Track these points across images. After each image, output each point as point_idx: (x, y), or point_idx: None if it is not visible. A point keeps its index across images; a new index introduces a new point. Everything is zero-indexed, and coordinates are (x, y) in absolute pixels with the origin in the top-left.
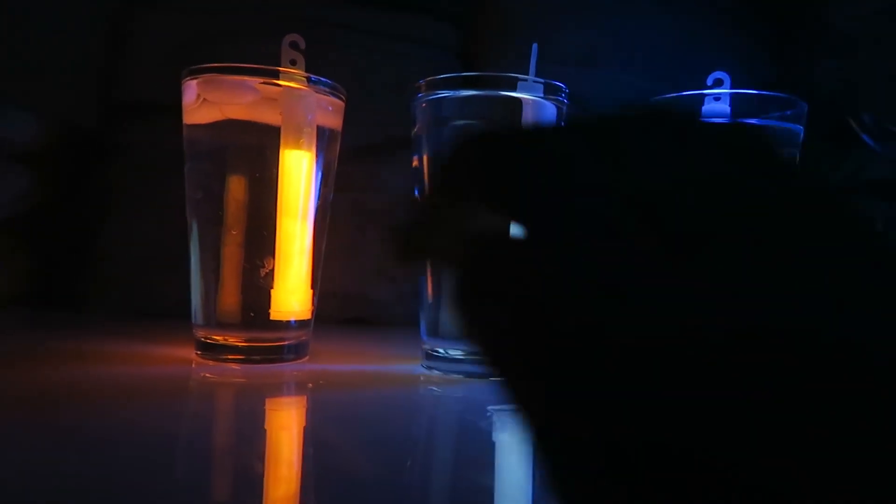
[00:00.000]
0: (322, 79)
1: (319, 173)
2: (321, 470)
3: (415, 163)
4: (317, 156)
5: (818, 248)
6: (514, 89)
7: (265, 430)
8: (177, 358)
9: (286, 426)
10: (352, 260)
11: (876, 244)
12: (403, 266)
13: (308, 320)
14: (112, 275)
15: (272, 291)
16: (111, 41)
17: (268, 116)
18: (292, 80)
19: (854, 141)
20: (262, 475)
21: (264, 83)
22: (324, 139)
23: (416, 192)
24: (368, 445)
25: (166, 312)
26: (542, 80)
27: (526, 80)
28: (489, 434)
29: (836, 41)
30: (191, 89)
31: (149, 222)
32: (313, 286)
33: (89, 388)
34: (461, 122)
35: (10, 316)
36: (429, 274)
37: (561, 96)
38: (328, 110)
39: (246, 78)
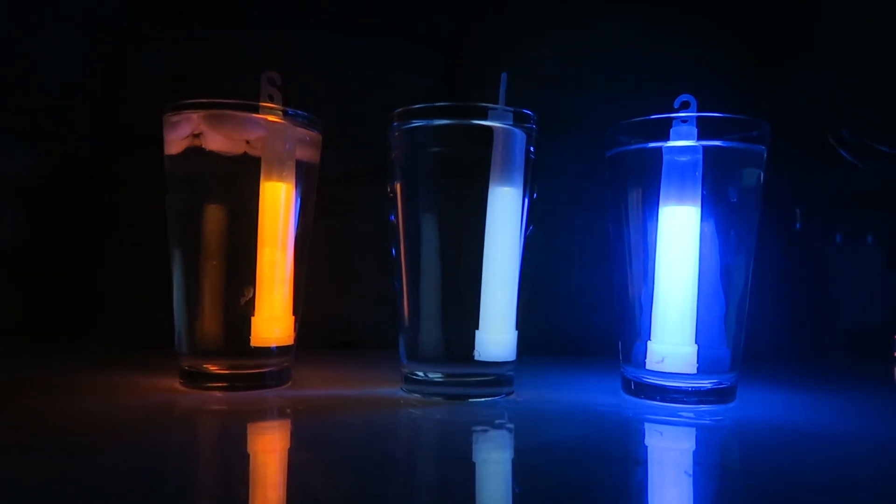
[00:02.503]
0: (299, 112)
1: (298, 203)
2: (302, 494)
3: (391, 189)
4: (296, 186)
5: None
6: (485, 118)
7: (248, 455)
8: (161, 387)
9: (268, 451)
10: (336, 285)
11: None
12: None
13: (290, 346)
14: (107, 305)
15: (252, 319)
16: (105, 75)
17: (247, 148)
18: (271, 115)
19: (837, 155)
20: (246, 501)
21: (270, 119)
22: (302, 170)
23: (392, 218)
24: (349, 469)
25: (160, 342)
26: (511, 109)
27: (496, 108)
28: (469, 455)
29: (815, 58)
30: (189, 122)
31: (143, 252)
32: (295, 313)
33: (71, 419)
34: (435, 149)
35: (3, 345)
36: (406, 297)
37: (530, 123)
38: (306, 142)
39: (249, 114)
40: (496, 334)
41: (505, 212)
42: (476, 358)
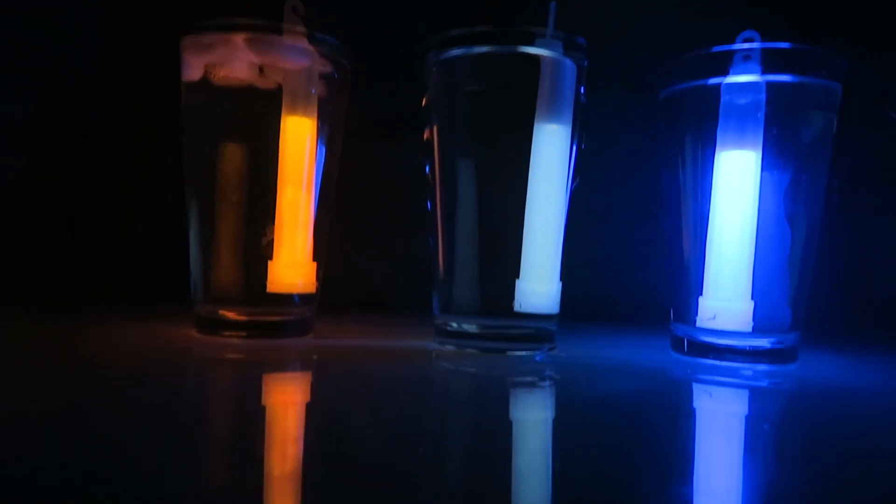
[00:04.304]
0: (328, 38)
1: (323, 141)
2: (325, 445)
3: (426, 135)
4: (320, 122)
5: None
6: (531, 44)
7: (264, 407)
8: (175, 336)
9: (287, 402)
10: (362, 242)
11: None
12: None
13: (312, 295)
14: (113, 258)
15: (269, 263)
16: (112, 19)
17: (266, 81)
18: (292, 40)
19: (887, 123)
20: (262, 454)
21: (314, 49)
22: (329, 105)
23: (427, 170)
24: (376, 419)
25: (168, 295)
26: (562, 35)
27: (545, 33)
28: (504, 407)
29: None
30: (230, 47)
31: (152, 203)
32: (317, 259)
33: (82, 369)
34: (475, 84)
35: (8, 297)
36: (441, 248)
37: (581, 54)
38: (332, 76)
39: (297, 42)
40: (538, 284)
41: (550, 151)
42: (516, 309)
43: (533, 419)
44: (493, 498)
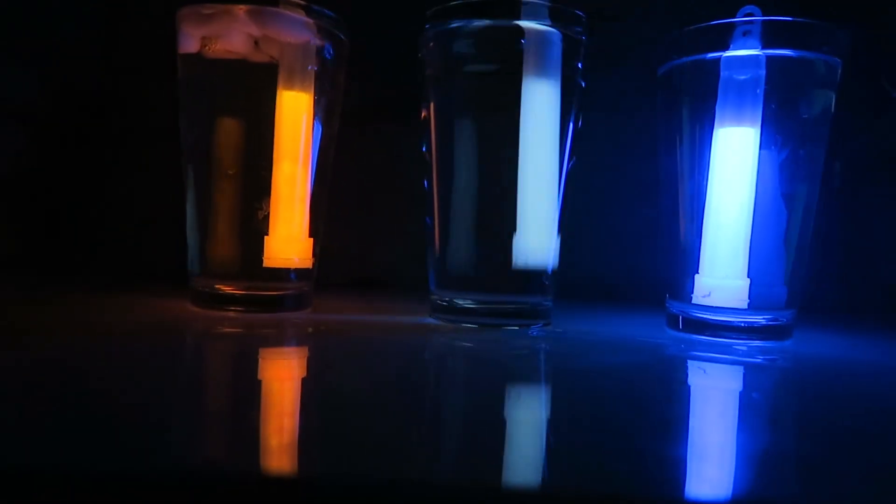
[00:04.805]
0: (325, 11)
1: (320, 116)
2: (320, 419)
3: (423, 113)
4: (317, 97)
5: None
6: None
7: (260, 381)
8: (172, 309)
9: (283, 376)
10: (359, 221)
11: None
12: None
13: (309, 270)
14: (110, 236)
15: (266, 238)
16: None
17: (260, 55)
18: (291, 12)
19: (887, 102)
20: (257, 427)
21: (314, 22)
22: (324, 80)
23: (424, 149)
24: (371, 391)
25: (165, 274)
26: (559, 7)
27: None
28: (497, 375)
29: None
30: (230, 18)
31: (151, 182)
32: (314, 235)
33: (77, 342)
34: (474, 62)
35: (4, 274)
36: (436, 225)
37: (579, 28)
38: (330, 50)
39: (298, 14)
40: (535, 239)
41: (542, 102)
42: (514, 266)
43: (525, 386)
44: (488, 461)
